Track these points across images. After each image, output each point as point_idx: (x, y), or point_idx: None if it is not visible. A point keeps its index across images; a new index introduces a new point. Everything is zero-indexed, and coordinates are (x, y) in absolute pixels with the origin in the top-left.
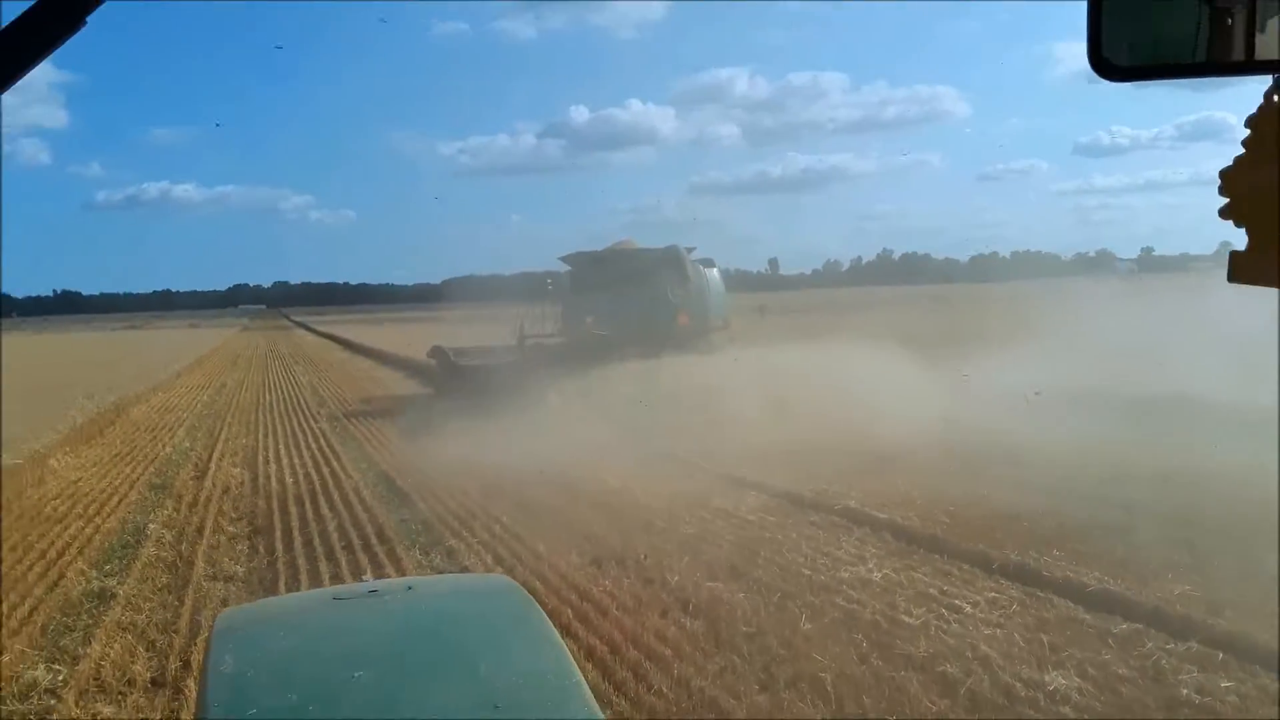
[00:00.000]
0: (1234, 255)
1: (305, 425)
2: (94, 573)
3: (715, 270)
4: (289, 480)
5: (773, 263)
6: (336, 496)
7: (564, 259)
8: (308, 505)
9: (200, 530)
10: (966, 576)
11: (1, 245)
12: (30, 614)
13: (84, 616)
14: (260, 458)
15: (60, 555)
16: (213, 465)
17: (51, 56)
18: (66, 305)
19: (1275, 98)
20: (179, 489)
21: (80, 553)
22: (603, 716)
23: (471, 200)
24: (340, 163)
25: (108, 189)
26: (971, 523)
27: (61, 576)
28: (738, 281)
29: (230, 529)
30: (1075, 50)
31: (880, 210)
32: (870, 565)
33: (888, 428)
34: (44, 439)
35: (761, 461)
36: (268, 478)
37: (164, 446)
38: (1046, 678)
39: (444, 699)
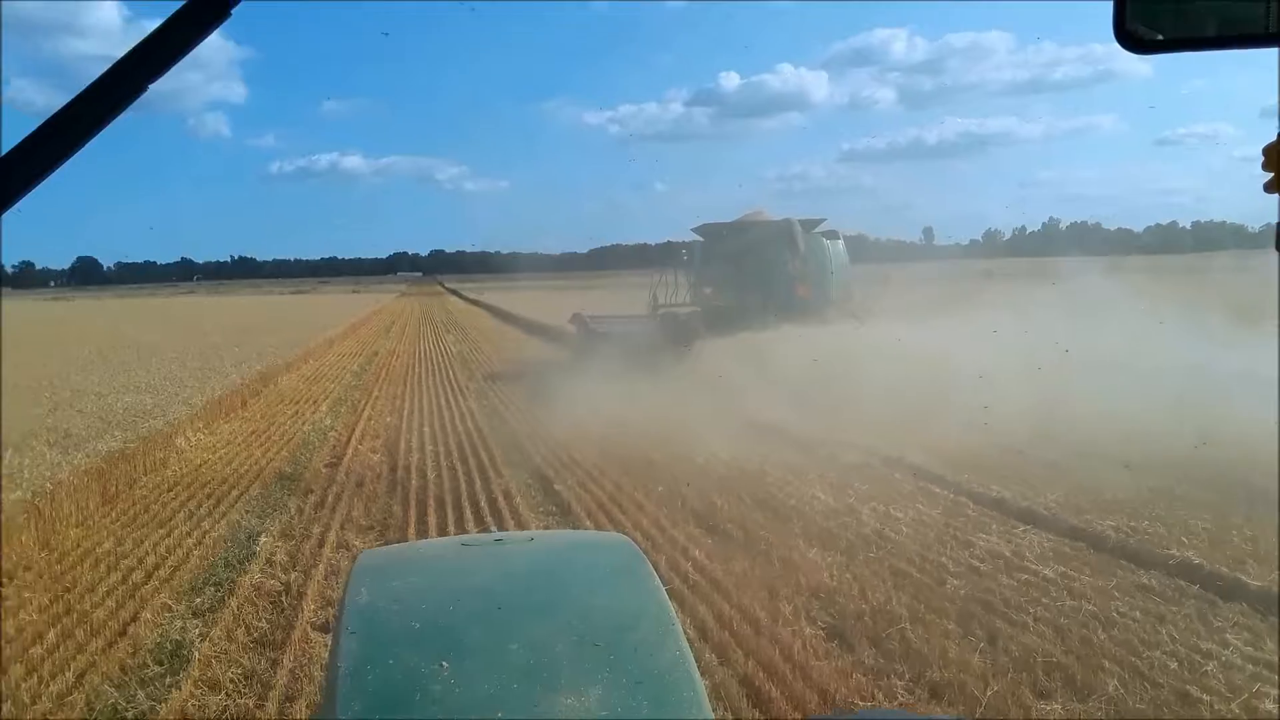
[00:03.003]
0: None
1: (452, 401)
2: (180, 608)
3: (840, 242)
4: (431, 475)
5: (927, 232)
6: (483, 500)
7: (696, 229)
8: (449, 512)
9: (321, 543)
10: None
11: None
12: (78, 681)
13: (141, 693)
14: (402, 443)
15: (149, 577)
16: (350, 450)
17: (234, 35)
18: (242, 270)
19: None
20: (308, 481)
21: (173, 574)
22: (691, 657)
23: (618, 169)
24: (495, 134)
25: (281, 159)
26: None
27: (136, 615)
28: (889, 251)
29: (357, 543)
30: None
31: (1044, 177)
32: None
33: (1135, 426)
34: (174, 413)
35: (996, 467)
36: (407, 469)
37: (304, 424)
38: None
39: (549, 633)
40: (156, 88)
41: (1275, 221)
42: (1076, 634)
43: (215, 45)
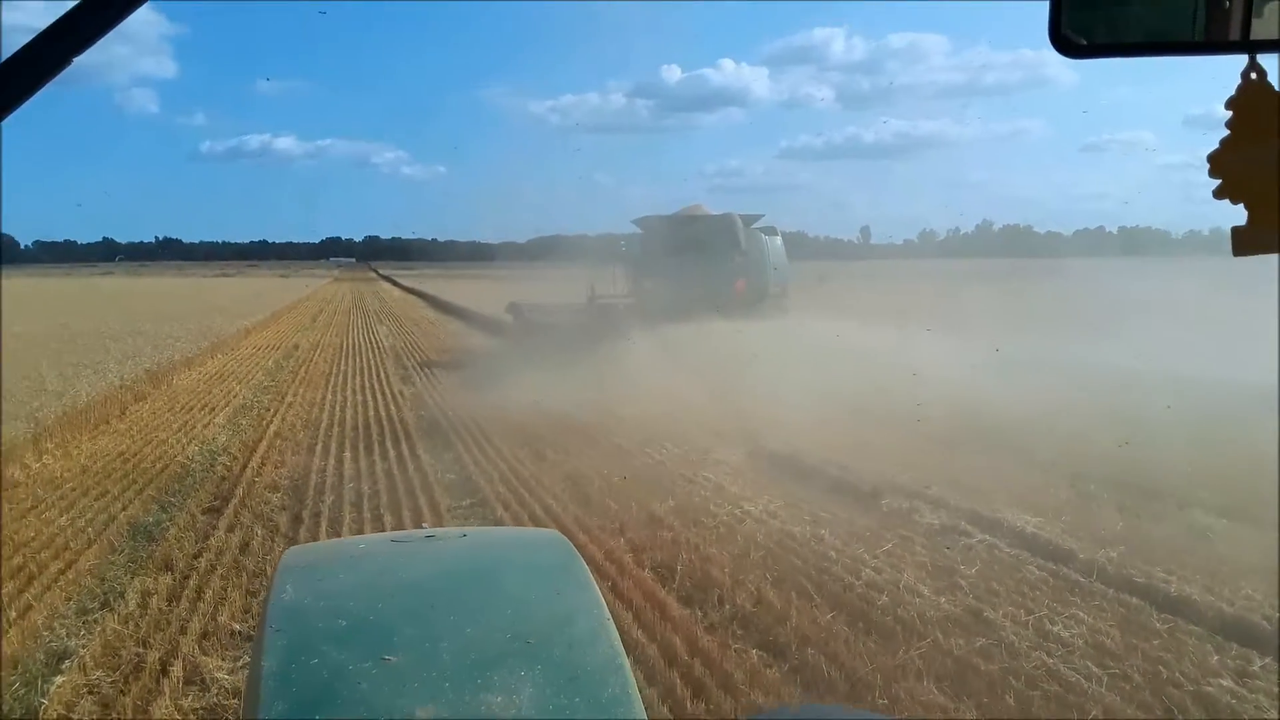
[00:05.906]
0: (1236, 230)
1: (385, 412)
2: None
3: (778, 238)
4: (348, 533)
5: (864, 231)
6: None
7: (635, 222)
8: None
9: (159, 679)
10: None
11: (2, 189)
12: None
13: None
14: (314, 474)
15: None
16: (240, 487)
17: (164, 9)
18: (168, 252)
19: (1252, 75)
20: (171, 543)
21: None
22: (624, 654)
23: (559, 159)
24: (435, 119)
25: (212, 139)
26: None
27: None
28: (827, 249)
29: (221, 676)
30: None
31: (976, 179)
32: None
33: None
34: (10, 433)
35: (1126, 537)
36: (317, 519)
37: (190, 443)
38: None
39: (481, 631)
40: (82, 60)
41: (1227, 228)
42: None
43: (144, 19)
